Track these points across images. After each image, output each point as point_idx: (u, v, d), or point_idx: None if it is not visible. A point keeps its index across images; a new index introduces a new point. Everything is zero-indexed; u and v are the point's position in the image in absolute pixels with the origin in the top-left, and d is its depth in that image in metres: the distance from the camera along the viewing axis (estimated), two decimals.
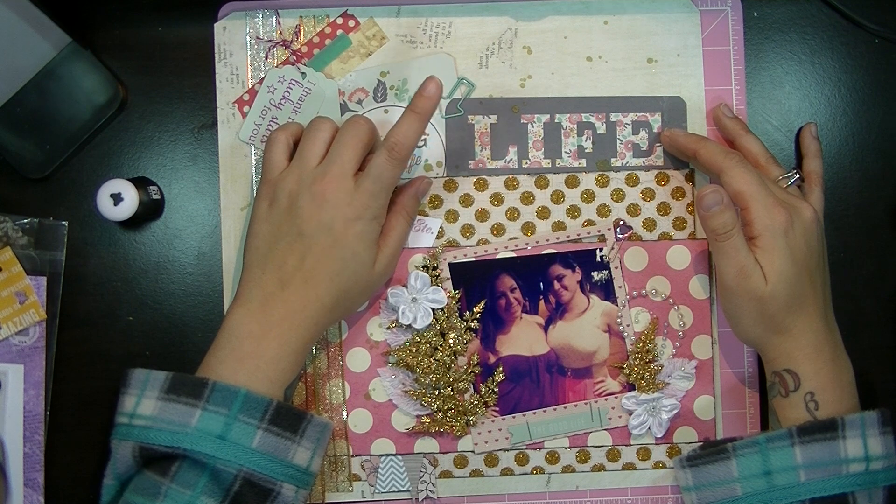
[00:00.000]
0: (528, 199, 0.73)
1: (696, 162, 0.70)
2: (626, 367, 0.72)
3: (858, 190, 0.75)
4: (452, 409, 0.72)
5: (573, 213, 0.73)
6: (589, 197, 0.73)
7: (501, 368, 0.72)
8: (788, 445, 0.63)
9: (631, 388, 0.73)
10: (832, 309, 0.68)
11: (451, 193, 0.73)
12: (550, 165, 0.73)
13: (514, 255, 0.73)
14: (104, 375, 0.72)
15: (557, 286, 0.73)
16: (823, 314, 0.66)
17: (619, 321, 0.73)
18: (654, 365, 0.72)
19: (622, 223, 0.73)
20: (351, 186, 0.65)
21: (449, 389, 0.71)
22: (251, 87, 0.73)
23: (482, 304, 0.72)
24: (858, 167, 0.75)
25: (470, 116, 0.73)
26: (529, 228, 0.73)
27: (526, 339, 0.73)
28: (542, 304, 0.73)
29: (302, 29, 0.73)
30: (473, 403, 0.72)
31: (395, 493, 0.72)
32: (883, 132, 0.75)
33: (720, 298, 0.69)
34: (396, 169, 0.66)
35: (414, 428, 0.72)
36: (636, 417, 0.72)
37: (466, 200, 0.73)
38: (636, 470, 0.73)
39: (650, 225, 0.73)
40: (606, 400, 0.73)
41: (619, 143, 0.73)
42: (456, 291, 0.72)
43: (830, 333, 0.66)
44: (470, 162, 0.73)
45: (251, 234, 0.66)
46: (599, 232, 0.73)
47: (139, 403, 0.62)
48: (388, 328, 0.72)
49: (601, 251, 0.73)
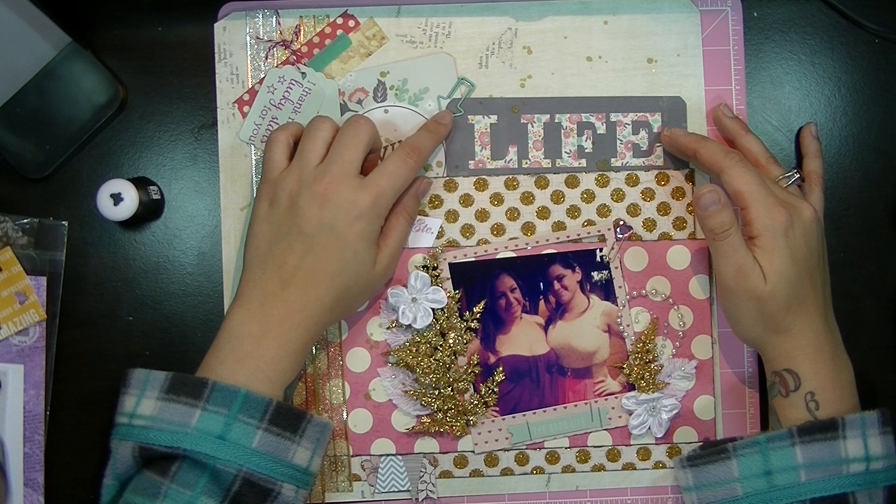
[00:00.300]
0: (528, 199, 0.73)
1: (696, 162, 0.70)
2: (626, 367, 0.72)
3: (858, 190, 0.75)
4: (452, 409, 0.72)
5: (573, 213, 0.73)
6: (589, 197, 0.73)
7: (501, 368, 0.72)
8: (789, 445, 0.63)
9: (631, 388, 0.73)
10: (832, 309, 0.68)
11: (451, 193, 0.73)
12: (550, 165, 0.73)
13: (514, 255, 0.73)
14: (104, 375, 0.72)
15: (557, 286, 0.73)
16: (823, 314, 0.66)
17: (619, 321, 0.73)
18: (654, 365, 0.72)
19: (622, 223, 0.73)
20: (354, 185, 0.65)
21: (449, 389, 0.71)
22: (251, 87, 0.73)
23: (482, 304, 0.72)
24: (858, 167, 0.75)
25: (470, 116, 0.73)
26: (529, 228, 0.73)
27: (526, 339, 0.73)
28: (542, 304, 0.73)
29: (302, 29, 0.73)
30: (473, 403, 0.72)
31: (395, 493, 0.72)
32: (883, 132, 0.75)
33: (720, 298, 0.68)
34: (411, 172, 0.67)
35: (414, 428, 0.72)
36: (636, 417, 0.72)
37: (466, 200, 0.73)
38: (636, 470, 0.73)
39: (650, 225, 0.73)
40: (606, 400, 0.73)
41: (619, 143, 0.73)
42: (456, 291, 0.72)
43: (830, 333, 0.66)
44: (470, 162, 0.73)
45: (251, 233, 0.66)
46: (599, 232, 0.73)
47: (139, 403, 0.62)
48: (388, 328, 0.72)
49: (601, 251, 0.73)
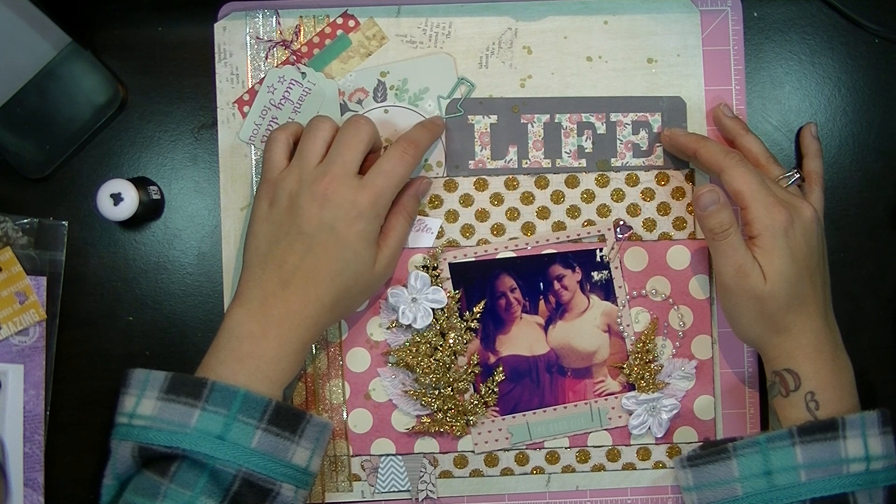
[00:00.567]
0: (528, 199, 0.73)
1: (696, 161, 0.70)
2: (626, 367, 0.72)
3: (858, 190, 0.75)
4: (452, 409, 0.72)
5: (573, 213, 0.73)
6: (589, 197, 0.73)
7: (501, 368, 0.72)
8: (789, 445, 0.63)
9: (631, 388, 0.73)
10: (832, 308, 0.68)
11: (451, 193, 0.73)
12: (550, 165, 0.73)
13: (514, 255, 0.73)
14: (104, 375, 0.72)
15: (557, 286, 0.73)
16: (823, 314, 0.66)
17: (619, 321, 0.73)
18: (654, 365, 0.72)
19: (622, 223, 0.73)
20: (354, 185, 0.65)
21: (449, 389, 0.71)
22: (251, 87, 0.73)
23: (482, 304, 0.72)
24: (858, 167, 0.75)
25: (470, 116, 0.73)
26: (529, 228, 0.73)
27: (526, 339, 0.73)
28: (542, 304, 0.73)
29: (302, 29, 0.73)
30: (473, 403, 0.72)
31: (395, 493, 0.72)
32: (883, 132, 0.75)
33: (720, 298, 0.68)
34: (408, 167, 0.66)
35: (414, 428, 0.72)
36: (636, 417, 0.72)
37: (466, 200, 0.73)
38: (636, 470, 0.73)
39: (650, 225, 0.73)
40: (606, 400, 0.73)
41: (619, 143, 0.73)
42: (456, 291, 0.72)
43: (831, 333, 0.66)
44: (470, 162, 0.73)
45: (251, 233, 0.66)
46: (599, 232, 0.73)
47: (139, 403, 0.62)
48: (388, 328, 0.72)
49: (601, 251, 0.73)
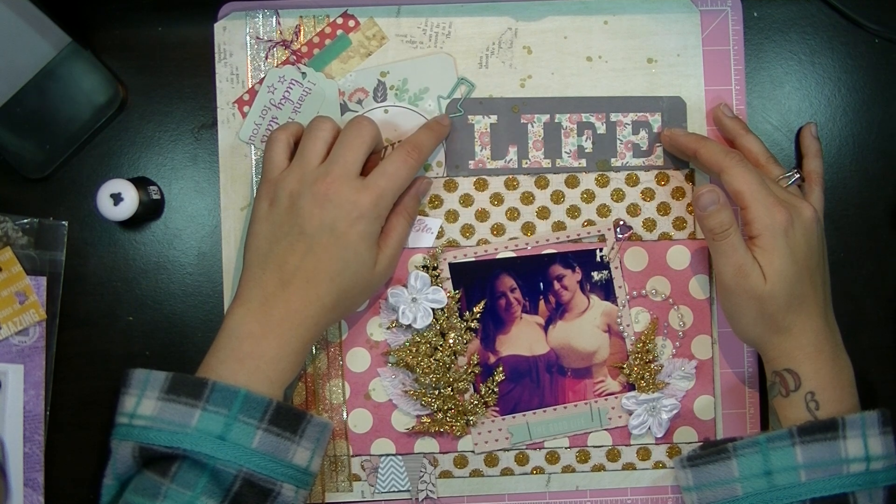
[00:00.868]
0: (528, 199, 0.73)
1: (696, 161, 0.70)
2: (626, 367, 0.72)
3: (858, 190, 0.75)
4: (452, 409, 0.72)
5: (573, 213, 0.73)
6: (589, 197, 0.73)
7: (501, 368, 0.72)
8: (789, 445, 0.63)
9: (631, 388, 0.73)
10: (832, 308, 0.68)
11: (451, 193, 0.73)
12: (550, 165, 0.73)
13: (514, 255, 0.73)
14: (104, 375, 0.72)
15: (557, 286, 0.73)
16: (824, 313, 0.66)
17: (619, 321, 0.73)
18: (654, 365, 0.72)
19: (622, 223, 0.73)
20: (355, 186, 0.65)
21: (449, 389, 0.71)
22: (251, 87, 0.73)
23: (482, 304, 0.72)
24: (858, 167, 0.75)
25: (470, 116, 0.73)
26: (529, 228, 0.73)
27: (526, 339, 0.73)
28: (542, 304, 0.73)
29: (302, 29, 0.73)
30: (473, 403, 0.72)
31: (395, 493, 0.72)
32: (883, 132, 0.75)
33: (720, 298, 0.68)
34: (411, 170, 0.67)
35: (414, 428, 0.72)
36: (636, 417, 0.72)
37: (466, 200, 0.73)
38: (636, 470, 0.73)
39: (650, 225, 0.73)
40: (606, 400, 0.73)
41: (619, 143, 0.73)
42: (456, 291, 0.72)
43: (831, 333, 0.66)
44: (470, 162, 0.73)
45: (251, 233, 0.66)
46: (599, 232, 0.73)
47: (139, 403, 0.62)
48: (388, 328, 0.72)
49: (601, 251, 0.73)
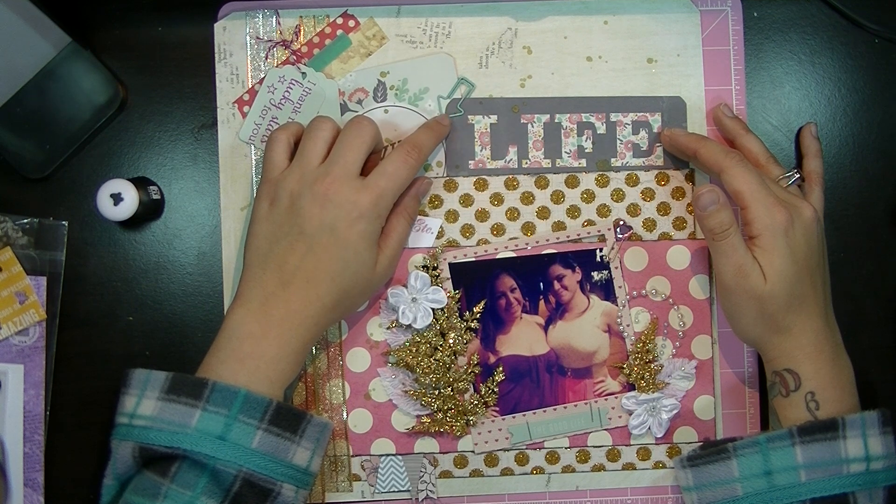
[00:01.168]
0: (528, 199, 0.73)
1: (696, 161, 0.70)
2: (626, 367, 0.72)
3: (858, 190, 0.75)
4: (452, 409, 0.72)
5: (573, 213, 0.73)
6: (589, 197, 0.73)
7: (501, 368, 0.72)
8: (789, 445, 0.63)
9: (631, 388, 0.73)
10: (832, 308, 0.68)
11: (451, 193, 0.73)
12: (550, 165, 0.73)
13: (514, 255, 0.73)
14: (104, 375, 0.72)
15: (557, 286, 0.73)
16: (824, 313, 0.66)
17: (619, 321, 0.73)
18: (654, 365, 0.72)
19: (622, 223, 0.73)
20: (355, 186, 0.65)
21: (449, 389, 0.71)
22: (251, 87, 0.73)
23: (482, 304, 0.72)
24: (858, 167, 0.75)
25: (470, 116, 0.73)
26: (529, 228, 0.73)
27: (526, 339, 0.73)
28: (542, 304, 0.73)
29: (302, 29, 0.73)
30: (473, 403, 0.72)
31: (395, 493, 0.72)
32: (883, 132, 0.75)
33: (720, 298, 0.68)
34: (411, 170, 0.67)
35: (414, 428, 0.72)
36: (636, 417, 0.72)
37: (466, 200, 0.73)
38: (636, 470, 0.73)
39: (650, 225, 0.73)
40: (606, 400, 0.73)
41: (619, 143, 0.73)
42: (456, 291, 0.72)
43: (831, 333, 0.66)
44: (470, 162, 0.73)
45: (252, 233, 0.66)
46: (599, 232, 0.73)
47: (139, 404, 0.62)
48: (388, 328, 0.72)
49: (601, 251, 0.73)
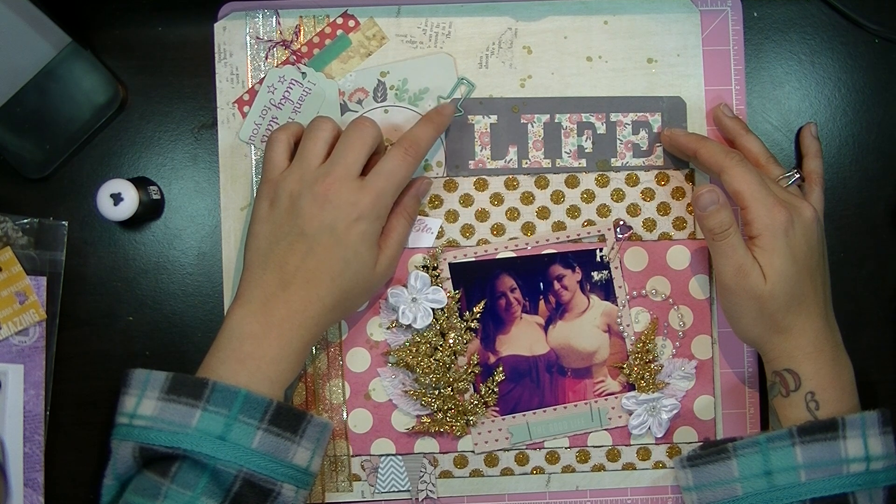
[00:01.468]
0: (528, 199, 0.73)
1: (696, 161, 0.70)
2: (626, 367, 0.72)
3: (858, 190, 0.75)
4: (452, 409, 0.72)
5: (573, 213, 0.73)
6: (589, 197, 0.73)
7: (501, 368, 0.72)
8: (789, 445, 0.63)
9: (631, 388, 0.73)
10: (832, 308, 0.68)
11: (451, 193, 0.73)
12: (550, 165, 0.73)
13: (514, 255, 0.73)
14: (104, 375, 0.72)
15: (557, 286, 0.73)
16: (824, 313, 0.66)
17: (619, 321, 0.73)
18: (654, 365, 0.72)
19: (622, 223, 0.73)
20: (355, 186, 0.65)
21: (449, 389, 0.71)
22: (251, 87, 0.73)
23: (482, 304, 0.72)
24: (858, 167, 0.75)
25: (470, 116, 0.73)
26: (529, 228, 0.73)
27: (526, 339, 0.73)
28: (542, 304, 0.73)
29: (302, 29, 0.73)
30: (473, 403, 0.72)
31: (395, 493, 0.72)
32: (883, 132, 0.75)
33: (720, 298, 0.68)
34: (410, 168, 0.66)
35: (414, 428, 0.72)
36: (636, 417, 0.72)
37: (466, 200, 0.73)
38: (636, 470, 0.73)
39: (650, 225, 0.73)
40: (606, 400, 0.73)
41: (619, 143, 0.73)
42: (456, 291, 0.72)
43: (831, 333, 0.66)
44: (470, 162, 0.73)
45: (252, 233, 0.66)
46: (599, 232, 0.73)
47: (139, 404, 0.62)
48: (388, 328, 0.72)
49: (601, 251, 0.73)
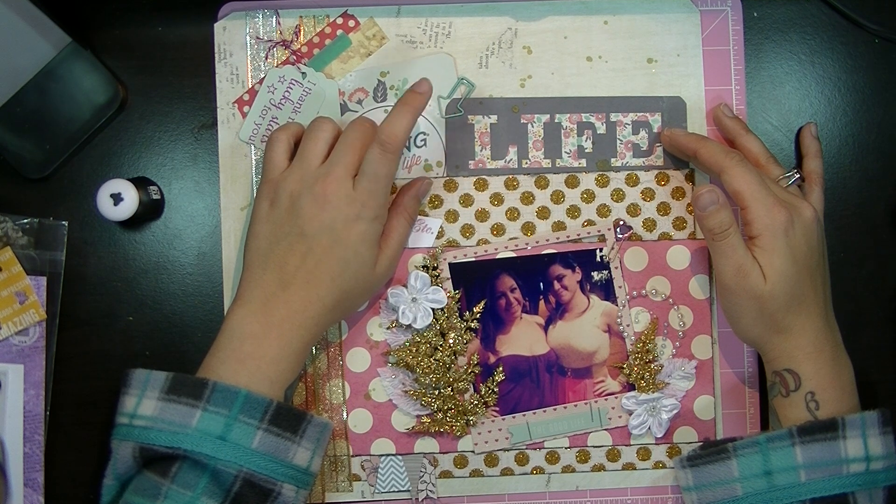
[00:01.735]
0: (528, 199, 0.73)
1: (696, 161, 0.70)
2: (626, 367, 0.72)
3: (858, 190, 0.75)
4: (452, 409, 0.72)
5: (573, 213, 0.73)
6: (589, 197, 0.73)
7: (501, 368, 0.72)
8: (789, 445, 0.63)
9: (631, 388, 0.73)
10: (832, 308, 0.68)
11: (451, 193, 0.73)
12: (550, 165, 0.73)
13: (514, 255, 0.73)
14: (104, 375, 0.72)
15: (557, 286, 0.73)
16: (824, 313, 0.66)
17: (619, 321, 0.73)
18: (654, 365, 0.72)
19: (622, 223, 0.73)
20: (352, 187, 0.65)
21: (449, 389, 0.71)
22: (251, 87, 0.73)
23: (482, 304, 0.72)
24: (858, 167, 0.75)
25: (470, 116, 0.73)
26: (529, 228, 0.73)
27: (526, 339, 0.73)
28: (542, 304, 0.73)
29: (302, 29, 0.73)
30: (473, 403, 0.72)
31: (395, 493, 0.72)
32: (883, 132, 0.75)
33: (720, 298, 0.68)
34: (391, 164, 0.66)
35: (414, 428, 0.72)
36: (636, 417, 0.72)
37: (466, 200, 0.73)
38: (636, 470, 0.73)
39: (650, 225, 0.73)
40: (606, 400, 0.73)
41: (619, 143, 0.73)
42: (456, 291, 0.72)
43: (831, 333, 0.66)
44: (470, 162, 0.73)
45: (252, 234, 0.66)
46: (599, 232, 0.73)
47: (140, 404, 0.62)
48: (388, 328, 0.72)
49: (601, 251, 0.73)
